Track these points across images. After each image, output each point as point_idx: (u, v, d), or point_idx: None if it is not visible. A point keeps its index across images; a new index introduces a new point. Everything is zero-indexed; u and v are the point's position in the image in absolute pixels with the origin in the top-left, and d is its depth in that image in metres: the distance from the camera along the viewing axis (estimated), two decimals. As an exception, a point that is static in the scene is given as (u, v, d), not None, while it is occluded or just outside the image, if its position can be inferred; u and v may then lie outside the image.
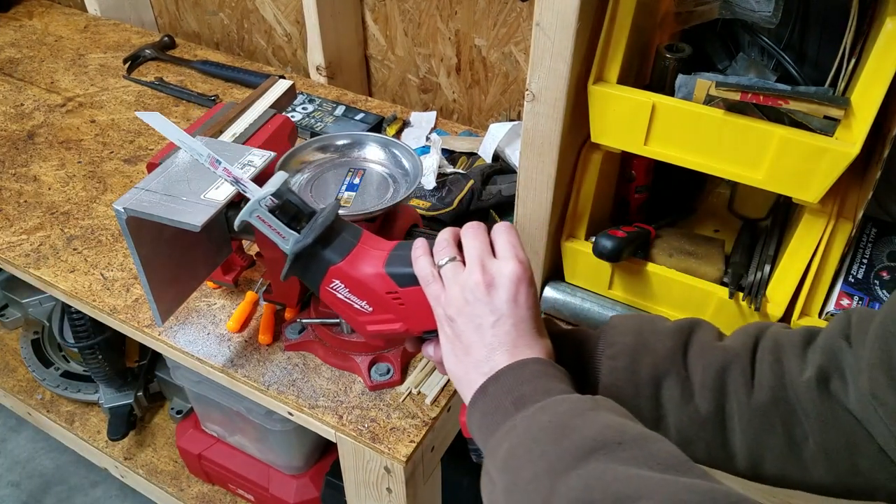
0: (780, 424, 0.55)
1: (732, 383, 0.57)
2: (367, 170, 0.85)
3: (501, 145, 1.13)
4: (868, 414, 0.52)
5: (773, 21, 0.73)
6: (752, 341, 0.58)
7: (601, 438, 0.44)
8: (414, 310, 0.65)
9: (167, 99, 1.38)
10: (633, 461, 0.42)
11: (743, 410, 0.56)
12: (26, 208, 1.12)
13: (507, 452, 0.47)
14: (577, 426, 0.45)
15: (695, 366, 0.58)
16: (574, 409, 0.47)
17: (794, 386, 0.55)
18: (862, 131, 0.65)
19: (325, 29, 1.34)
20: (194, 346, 0.91)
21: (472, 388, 0.54)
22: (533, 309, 0.56)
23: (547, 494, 0.42)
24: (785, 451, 0.56)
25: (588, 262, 0.86)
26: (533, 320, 0.55)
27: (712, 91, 0.70)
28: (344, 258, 0.65)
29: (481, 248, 0.58)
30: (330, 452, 1.27)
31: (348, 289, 0.66)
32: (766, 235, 0.86)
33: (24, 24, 1.63)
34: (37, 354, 1.53)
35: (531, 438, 0.46)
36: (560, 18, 0.69)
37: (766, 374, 0.56)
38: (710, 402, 0.56)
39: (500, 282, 0.55)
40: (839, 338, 0.55)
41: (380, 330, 0.67)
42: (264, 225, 0.65)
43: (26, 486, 1.67)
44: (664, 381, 0.58)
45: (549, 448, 0.44)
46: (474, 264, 0.56)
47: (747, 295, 0.79)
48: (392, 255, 0.65)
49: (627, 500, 0.39)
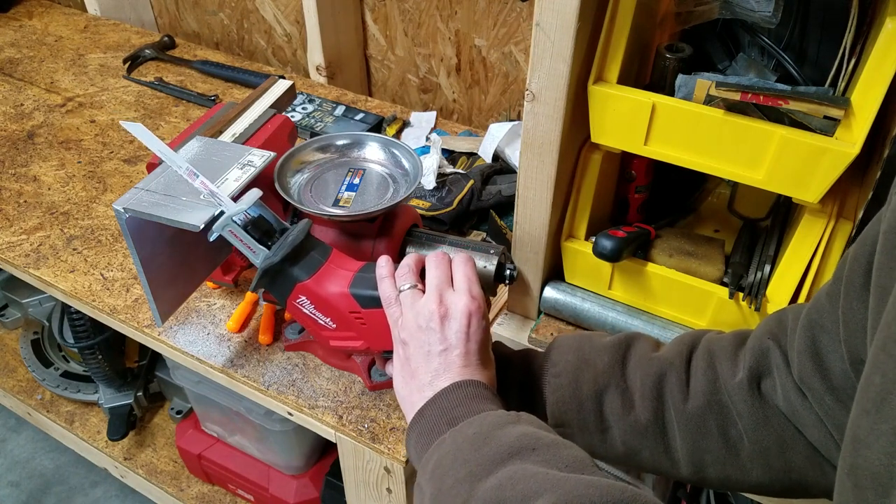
0: (715, 427, 0.58)
1: (669, 391, 0.60)
2: (367, 170, 0.85)
3: (501, 145, 1.13)
4: (796, 406, 0.55)
5: (773, 21, 0.73)
6: (687, 350, 0.61)
7: (517, 445, 0.47)
8: (374, 330, 0.68)
9: (167, 99, 1.38)
10: (544, 463, 0.46)
11: (680, 417, 0.59)
12: (26, 208, 1.12)
13: (435, 463, 0.50)
14: (496, 436, 0.48)
15: (633, 377, 0.61)
16: (497, 423, 0.50)
17: (728, 389, 0.58)
18: (862, 131, 0.65)
19: (325, 29, 1.34)
20: (194, 346, 0.91)
21: (413, 410, 0.57)
22: (481, 343, 0.59)
23: (466, 497, 0.45)
24: (723, 453, 0.58)
25: (588, 262, 0.86)
26: (479, 353, 0.58)
27: (712, 91, 0.70)
28: (311, 276, 0.68)
29: (441, 279, 0.61)
30: (330, 453, 1.27)
31: (314, 305, 0.69)
32: (766, 235, 0.86)
33: (23, 24, 1.63)
34: (37, 354, 1.53)
35: (456, 448, 0.50)
36: (560, 18, 0.69)
37: (699, 380, 0.59)
38: (649, 411, 0.59)
39: (454, 314, 0.58)
40: (766, 338, 0.58)
41: (342, 346, 0.71)
42: (236, 239, 0.69)
43: (26, 486, 1.67)
44: (605, 395, 0.61)
45: (471, 456, 0.48)
46: (432, 293, 0.60)
47: (747, 295, 0.79)
48: (357, 276, 0.68)
49: (534, 495, 0.42)
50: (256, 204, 0.69)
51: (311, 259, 0.69)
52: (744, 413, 0.57)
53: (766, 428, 0.57)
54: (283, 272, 0.68)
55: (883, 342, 0.40)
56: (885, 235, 0.42)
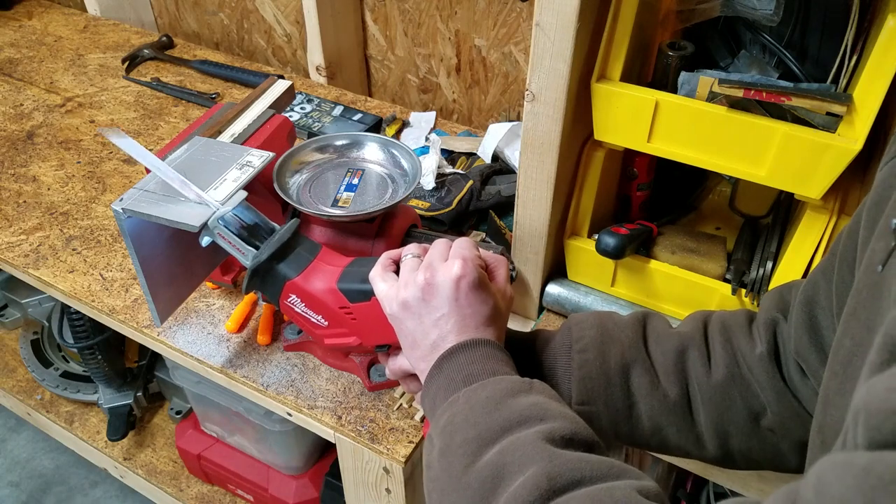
0: (739, 399, 0.59)
1: (692, 365, 0.60)
2: (366, 170, 0.85)
3: (501, 145, 1.13)
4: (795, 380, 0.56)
5: (774, 19, 0.73)
6: (702, 325, 0.62)
7: (526, 415, 0.49)
8: (365, 324, 0.67)
9: (167, 99, 1.38)
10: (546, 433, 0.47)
11: (704, 390, 0.59)
12: (25, 208, 1.12)
13: (448, 420, 0.52)
14: (508, 404, 0.50)
15: (655, 353, 0.61)
16: (510, 390, 0.51)
17: (748, 362, 0.59)
18: (864, 127, 0.65)
19: (324, 29, 1.34)
20: (193, 346, 0.90)
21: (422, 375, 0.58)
22: (475, 306, 0.57)
23: (472, 458, 0.48)
24: (747, 425, 0.59)
25: (591, 260, 0.86)
26: (473, 317, 0.57)
27: (715, 88, 0.70)
28: (299, 273, 0.68)
29: (436, 255, 0.60)
30: (329, 453, 1.26)
31: (304, 303, 0.69)
32: (768, 232, 0.86)
33: (23, 24, 1.63)
34: (36, 355, 1.53)
35: (469, 409, 0.51)
36: (560, 18, 0.68)
37: (719, 353, 0.60)
38: (675, 385, 0.60)
39: (441, 281, 0.57)
40: (776, 312, 0.59)
41: (336, 343, 0.70)
42: (225, 241, 0.69)
43: (26, 486, 1.67)
44: (632, 370, 0.60)
45: (481, 419, 0.50)
46: (425, 265, 0.59)
47: (750, 291, 0.79)
48: (345, 271, 0.68)
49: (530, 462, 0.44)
50: (243, 205, 0.70)
51: (299, 256, 0.69)
52: (765, 385, 0.58)
53: (785, 399, 0.57)
54: (272, 271, 0.68)
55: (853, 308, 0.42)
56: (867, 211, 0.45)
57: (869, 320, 0.40)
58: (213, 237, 0.69)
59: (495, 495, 0.45)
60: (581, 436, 0.48)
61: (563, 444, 0.46)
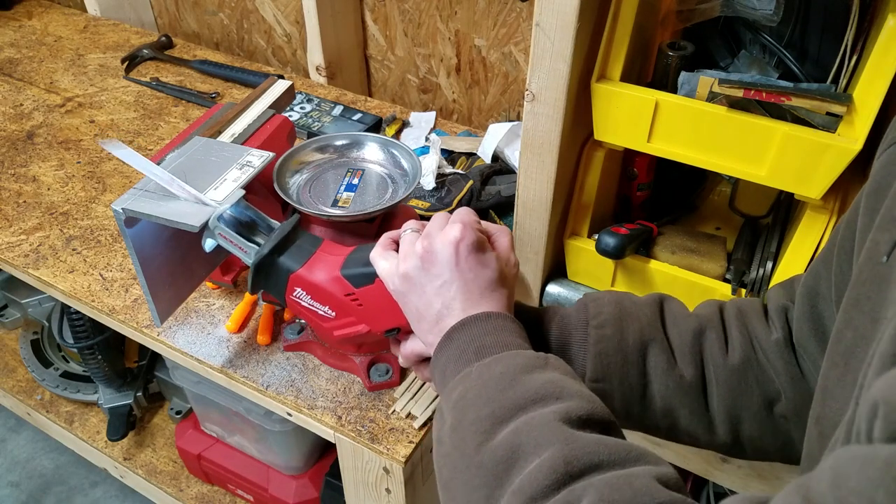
0: (755, 383, 0.58)
1: (709, 347, 0.59)
2: (366, 170, 0.85)
3: (501, 146, 1.13)
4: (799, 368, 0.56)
5: (774, 19, 0.73)
6: (718, 309, 0.62)
7: (542, 392, 0.47)
8: (372, 309, 0.66)
9: (167, 99, 1.38)
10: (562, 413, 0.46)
11: (720, 372, 0.59)
12: (25, 208, 1.12)
13: (460, 395, 0.50)
14: (523, 381, 0.48)
15: (672, 333, 0.60)
16: (525, 365, 0.50)
17: (764, 348, 0.58)
18: (864, 127, 0.65)
19: (324, 29, 1.34)
20: (193, 346, 0.90)
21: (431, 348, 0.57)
22: (476, 270, 0.56)
23: (485, 436, 0.46)
24: (761, 411, 0.58)
25: (591, 260, 0.86)
26: (476, 282, 0.56)
27: (715, 88, 0.70)
28: (302, 265, 0.68)
29: (434, 225, 0.59)
30: (329, 453, 1.26)
31: (310, 296, 0.69)
32: (768, 232, 0.86)
33: (23, 24, 1.63)
34: (36, 355, 1.53)
35: (482, 385, 0.49)
36: (560, 18, 0.68)
37: (736, 337, 0.59)
38: (691, 366, 0.59)
39: (440, 247, 0.56)
40: (787, 300, 0.59)
41: (345, 334, 0.69)
42: (226, 241, 0.69)
43: (26, 487, 1.67)
44: (650, 348, 0.60)
45: (495, 395, 0.48)
46: (423, 235, 0.58)
47: (750, 291, 0.79)
48: (348, 258, 0.68)
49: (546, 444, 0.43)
50: (241, 204, 0.70)
51: (301, 249, 0.69)
52: (781, 371, 0.57)
53: (800, 387, 0.57)
54: (275, 265, 0.68)
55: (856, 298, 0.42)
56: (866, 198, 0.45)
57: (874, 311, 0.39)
58: (214, 238, 0.69)
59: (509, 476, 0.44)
60: (598, 415, 0.47)
61: (580, 424, 0.45)
